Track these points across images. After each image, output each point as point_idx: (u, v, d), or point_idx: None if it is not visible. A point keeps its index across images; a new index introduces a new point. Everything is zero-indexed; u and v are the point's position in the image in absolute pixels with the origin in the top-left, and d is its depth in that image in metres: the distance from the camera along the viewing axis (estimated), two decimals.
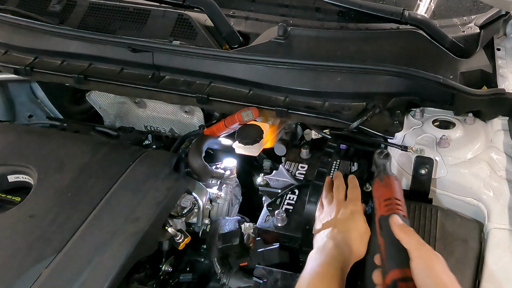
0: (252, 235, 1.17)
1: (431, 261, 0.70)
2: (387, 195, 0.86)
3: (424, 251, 0.72)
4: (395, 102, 1.18)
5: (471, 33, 1.29)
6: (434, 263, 0.70)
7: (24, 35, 1.42)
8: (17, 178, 1.19)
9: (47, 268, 0.93)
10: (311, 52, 1.24)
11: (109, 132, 1.45)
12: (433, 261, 0.71)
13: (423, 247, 0.73)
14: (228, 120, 1.26)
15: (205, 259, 1.22)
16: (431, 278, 0.68)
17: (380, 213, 0.84)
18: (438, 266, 0.70)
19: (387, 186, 0.88)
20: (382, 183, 0.89)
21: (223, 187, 1.28)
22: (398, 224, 0.78)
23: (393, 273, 0.71)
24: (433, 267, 0.70)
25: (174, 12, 1.38)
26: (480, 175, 1.06)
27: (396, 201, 0.84)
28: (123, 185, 1.12)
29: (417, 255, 0.71)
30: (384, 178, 0.89)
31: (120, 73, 1.35)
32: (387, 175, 0.90)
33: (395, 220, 0.79)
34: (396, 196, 0.85)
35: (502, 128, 1.16)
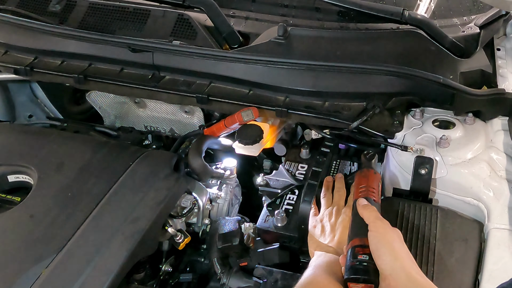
0: (252, 235, 1.17)
1: (385, 232, 0.82)
2: (363, 183, 0.96)
3: (380, 224, 0.83)
4: (395, 102, 1.18)
5: (471, 33, 1.29)
6: (387, 234, 0.81)
7: (24, 35, 1.42)
8: (17, 178, 1.19)
9: (47, 268, 0.93)
10: (311, 52, 1.24)
11: (109, 132, 1.45)
12: (386, 232, 0.82)
13: (379, 221, 0.84)
14: (228, 120, 1.26)
15: (205, 259, 1.22)
16: (382, 245, 0.79)
17: (354, 197, 0.95)
18: (390, 236, 0.81)
19: (365, 176, 0.98)
20: (362, 174, 0.99)
21: (223, 187, 1.28)
22: (362, 204, 0.90)
23: (353, 241, 0.83)
24: (386, 237, 0.80)
25: (174, 12, 1.38)
26: (480, 175, 1.06)
27: (370, 188, 0.94)
28: (123, 185, 1.12)
29: (373, 227, 0.83)
30: (364, 170, 1.00)
31: (120, 73, 1.35)
32: (367, 169, 1.00)
33: (359, 202, 0.91)
34: (371, 185, 0.95)
35: (502, 128, 1.16)
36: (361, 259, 0.79)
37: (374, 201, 0.92)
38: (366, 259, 0.79)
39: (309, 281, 0.88)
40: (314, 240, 1.05)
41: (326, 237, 1.03)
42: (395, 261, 0.77)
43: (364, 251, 0.80)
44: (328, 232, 1.04)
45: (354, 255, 0.81)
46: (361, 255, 0.80)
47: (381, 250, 0.78)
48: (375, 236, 0.81)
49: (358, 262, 0.79)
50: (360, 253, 0.80)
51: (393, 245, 0.79)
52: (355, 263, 0.79)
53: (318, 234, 1.05)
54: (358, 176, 1.00)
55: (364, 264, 0.78)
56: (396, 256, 0.78)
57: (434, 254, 0.95)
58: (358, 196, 0.93)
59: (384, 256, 0.77)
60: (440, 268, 0.93)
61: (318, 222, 1.08)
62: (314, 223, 1.09)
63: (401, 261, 0.77)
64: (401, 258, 0.78)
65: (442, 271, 0.92)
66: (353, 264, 0.79)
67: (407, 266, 0.77)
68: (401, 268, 0.76)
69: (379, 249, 0.78)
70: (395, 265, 0.76)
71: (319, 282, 0.88)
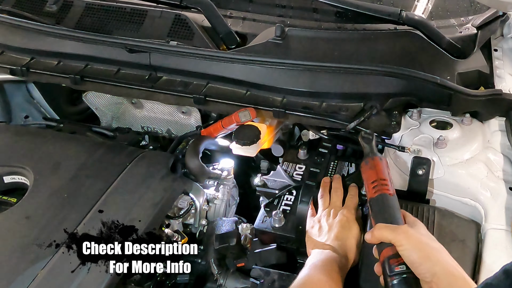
0: (249, 235, 1.16)
1: (412, 242, 0.78)
2: (373, 177, 0.91)
3: (399, 236, 0.79)
4: (392, 103, 1.18)
5: (468, 33, 1.30)
6: (415, 241, 0.78)
7: (20, 35, 1.41)
8: (13, 179, 1.19)
9: (43, 269, 0.93)
10: (308, 53, 1.23)
11: (105, 132, 1.44)
12: (413, 240, 0.78)
13: (397, 235, 0.79)
14: (225, 121, 1.26)
15: (202, 260, 1.21)
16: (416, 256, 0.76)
17: (369, 196, 0.90)
18: (418, 242, 0.78)
19: (372, 168, 0.93)
20: (368, 165, 0.94)
21: (220, 188, 1.28)
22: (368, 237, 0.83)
23: (385, 252, 0.80)
24: (415, 246, 0.77)
25: (171, 13, 1.38)
26: (477, 175, 1.06)
27: (382, 181, 0.90)
28: (119, 186, 1.11)
29: (396, 241, 0.79)
30: (368, 160, 0.95)
31: (117, 73, 1.34)
32: (371, 157, 0.95)
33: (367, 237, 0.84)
34: (382, 177, 0.91)
35: (499, 128, 1.16)
36: (399, 271, 0.77)
37: (390, 197, 0.88)
38: (404, 269, 0.76)
39: (304, 281, 0.88)
40: (312, 240, 1.05)
41: (323, 236, 1.03)
42: (434, 266, 0.75)
43: (399, 261, 0.77)
44: (325, 231, 1.04)
45: (391, 269, 0.78)
46: (397, 267, 0.77)
47: (416, 260, 0.76)
48: (404, 250, 0.77)
49: (398, 276, 0.76)
50: (396, 264, 0.77)
51: (424, 250, 0.77)
52: (395, 277, 0.77)
53: (316, 234, 1.05)
54: (365, 169, 0.95)
55: (404, 276, 0.76)
56: (433, 260, 0.76)
57: None
58: (373, 195, 0.88)
59: (421, 265, 0.75)
60: None
61: (315, 223, 1.08)
62: (311, 223, 1.09)
63: (440, 264, 0.75)
64: (438, 261, 0.76)
65: None
66: (393, 279, 0.77)
67: (446, 266, 0.75)
68: (441, 271, 0.74)
69: (415, 261, 0.76)
70: (435, 270, 0.74)
71: (313, 282, 0.88)
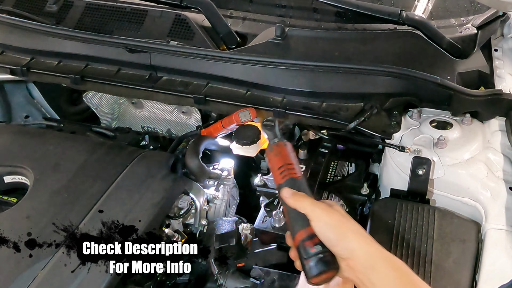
0: (249, 235, 1.16)
1: (328, 217, 0.75)
2: (279, 163, 0.87)
3: (318, 210, 0.76)
4: (392, 103, 1.18)
5: (468, 33, 1.30)
6: (331, 218, 0.75)
7: (20, 35, 1.41)
8: (13, 179, 1.19)
9: (43, 269, 0.93)
10: (308, 53, 1.24)
11: (106, 132, 1.44)
12: (329, 216, 0.76)
13: (316, 207, 0.77)
14: (225, 121, 1.26)
15: (202, 260, 1.22)
16: (332, 232, 0.74)
17: (277, 182, 0.86)
18: (335, 219, 0.75)
19: (277, 154, 0.89)
20: (273, 152, 0.90)
21: (221, 187, 1.28)
22: (288, 195, 0.80)
23: (299, 235, 0.77)
24: (331, 222, 0.75)
25: (172, 13, 1.38)
26: (478, 175, 1.06)
27: (288, 166, 0.86)
28: (120, 186, 1.11)
29: (313, 216, 0.76)
30: (273, 147, 0.90)
31: (117, 73, 1.34)
32: (276, 143, 0.90)
33: (283, 193, 0.81)
34: (288, 161, 0.87)
35: (499, 128, 1.16)
36: (315, 252, 0.74)
37: (298, 180, 0.84)
38: (320, 249, 0.74)
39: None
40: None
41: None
42: (350, 243, 0.73)
43: (313, 241, 0.75)
44: None
45: (306, 251, 0.75)
46: (313, 248, 0.75)
47: (332, 237, 0.74)
48: (320, 226, 0.75)
49: (314, 256, 0.74)
50: (311, 246, 0.75)
51: (342, 228, 0.75)
52: (311, 259, 0.74)
53: None
54: (270, 156, 0.90)
55: (320, 256, 0.74)
56: (349, 237, 0.74)
57: (432, 254, 0.95)
58: (281, 181, 0.85)
59: (338, 242, 0.74)
60: (438, 268, 0.92)
61: None
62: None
63: (356, 241, 0.73)
64: (355, 238, 0.74)
65: (439, 271, 0.92)
66: (309, 261, 0.75)
67: (362, 243, 0.74)
68: (358, 248, 0.73)
69: (331, 238, 0.74)
70: (351, 247, 0.73)
71: None
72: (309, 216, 0.76)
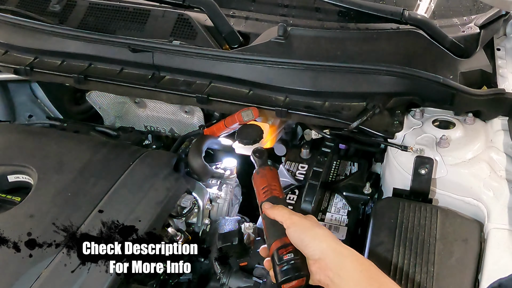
0: (252, 235, 1.16)
1: (302, 223, 0.83)
2: (263, 183, 0.95)
3: (295, 218, 0.84)
4: (395, 102, 1.18)
5: (471, 33, 1.29)
6: (305, 223, 0.83)
7: (24, 35, 1.42)
8: (17, 178, 1.19)
9: (46, 268, 0.93)
10: (311, 52, 1.23)
11: (109, 132, 1.45)
12: (304, 222, 0.83)
13: (293, 215, 0.84)
14: (228, 120, 1.26)
15: (205, 259, 1.22)
16: (306, 235, 0.80)
17: (260, 200, 0.94)
18: (308, 224, 0.82)
19: (263, 176, 0.96)
20: (259, 175, 0.97)
21: (223, 187, 1.28)
22: (268, 207, 0.89)
23: (274, 244, 0.83)
24: (305, 226, 0.82)
25: (174, 12, 1.38)
26: (480, 175, 1.06)
27: (272, 186, 0.94)
28: (123, 185, 1.11)
29: (290, 223, 0.83)
30: (259, 171, 0.97)
31: (120, 73, 1.35)
32: (262, 167, 0.98)
33: (265, 206, 0.90)
34: (272, 182, 0.95)
35: (502, 128, 1.16)
36: (287, 258, 0.80)
37: (279, 198, 0.92)
38: (292, 256, 0.80)
39: None
40: None
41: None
42: (321, 243, 0.79)
43: (287, 250, 0.81)
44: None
45: (279, 258, 0.81)
46: (286, 255, 0.81)
47: (305, 239, 0.80)
48: (295, 230, 0.82)
49: (286, 263, 0.80)
50: (284, 253, 0.81)
51: (314, 230, 0.81)
52: (283, 265, 0.80)
53: None
54: (256, 178, 0.98)
55: (292, 263, 0.79)
56: (320, 239, 0.80)
57: (434, 254, 0.95)
58: (263, 199, 0.92)
59: (311, 243, 0.79)
60: (440, 268, 0.92)
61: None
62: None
63: (326, 242, 0.79)
64: (325, 239, 0.80)
65: (442, 271, 0.92)
66: (281, 267, 0.80)
67: (332, 244, 0.79)
68: (328, 247, 0.78)
69: (304, 240, 0.80)
70: (322, 247, 0.78)
71: None
72: (285, 223, 0.83)
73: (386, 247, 0.96)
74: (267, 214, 0.88)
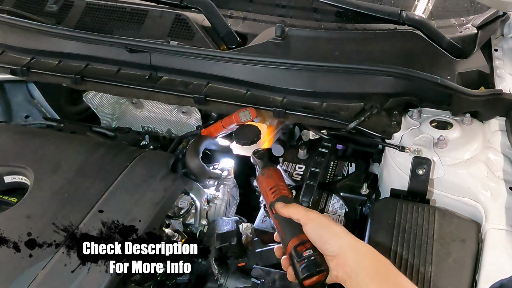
0: (249, 235, 1.16)
1: (320, 219, 0.82)
2: (270, 184, 0.94)
3: (311, 214, 0.83)
4: (392, 103, 1.18)
5: (468, 33, 1.30)
6: (322, 219, 0.82)
7: (20, 35, 1.41)
8: (13, 179, 1.19)
9: (43, 269, 0.93)
10: (308, 53, 1.24)
11: (106, 132, 1.44)
12: (321, 218, 0.83)
13: (310, 212, 0.84)
14: (225, 121, 1.26)
15: (202, 260, 1.21)
16: (324, 231, 0.80)
17: (269, 201, 0.93)
18: (325, 221, 0.82)
19: (269, 177, 0.96)
20: (265, 176, 0.96)
21: (221, 187, 1.28)
22: (281, 206, 0.88)
23: (292, 242, 0.83)
24: (322, 223, 0.82)
25: (172, 13, 1.38)
26: (478, 175, 1.06)
27: (279, 186, 0.93)
28: (120, 185, 1.11)
29: (307, 219, 0.83)
30: (265, 172, 0.97)
31: (117, 73, 1.34)
32: (267, 168, 0.97)
33: (278, 205, 0.88)
34: (279, 182, 0.94)
35: (499, 128, 1.16)
36: (307, 255, 0.80)
37: (289, 198, 0.92)
38: (311, 253, 0.80)
39: None
40: None
41: None
42: (339, 240, 0.79)
43: (305, 247, 0.81)
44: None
45: (299, 254, 0.81)
46: (305, 252, 0.81)
47: (324, 235, 0.80)
48: (313, 227, 0.81)
49: (306, 259, 0.80)
50: (303, 250, 0.81)
51: (332, 227, 0.81)
52: (304, 261, 0.80)
53: None
54: (262, 179, 0.97)
55: (312, 259, 0.80)
56: (339, 235, 0.80)
57: (432, 254, 0.95)
58: (273, 199, 0.92)
59: (329, 240, 0.79)
60: (438, 268, 0.92)
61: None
62: None
63: (345, 238, 0.80)
64: (344, 236, 0.80)
65: (439, 271, 0.92)
66: (302, 264, 0.80)
67: (351, 240, 0.80)
68: (346, 244, 0.79)
69: (323, 236, 0.80)
70: (340, 243, 0.79)
71: None
72: (302, 220, 0.83)
73: (383, 248, 0.96)
74: (282, 213, 0.87)
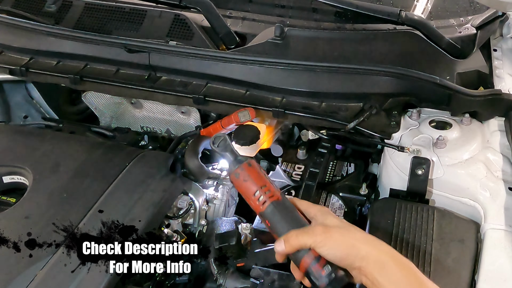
0: (249, 235, 1.16)
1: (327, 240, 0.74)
2: (252, 189, 0.78)
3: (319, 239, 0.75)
4: (392, 103, 1.18)
5: (467, 34, 1.30)
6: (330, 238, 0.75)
7: (19, 35, 1.41)
8: (12, 179, 1.18)
9: (42, 269, 0.93)
10: (308, 53, 1.24)
11: (105, 132, 1.44)
12: (328, 238, 0.75)
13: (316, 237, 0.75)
14: (224, 121, 1.26)
15: (202, 260, 1.21)
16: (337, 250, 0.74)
17: (258, 211, 0.79)
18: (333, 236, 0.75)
19: (246, 179, 0.79)
20: (240, 179, 0.79)
21: (220, 188, 1.28)
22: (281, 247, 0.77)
23: (304, 262, 0.75)
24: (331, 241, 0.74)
25: (171, 13, 1.38)
26: (477, 175, 1.06)
27: (263, 189, 0.78)
28: (119, 186, 1.11)
29: (316, 245, 0.74)
30: (238, 172, 0.79)
31: (116, 73, 1.34)
32: (239, 167, 0.79)
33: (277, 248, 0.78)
34: (261, 184, 0.79)
35: (498, 128, 1.16)
36: (326, 273, 0.74)
37: (279, 201, 0.79)
38: (330, 269, 0.74)
39: None
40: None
41: None
42: (360, 251, 0.73)
43: (321, 264, 0.74)
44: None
45: (317, 276, 0.74)
46: (323, 271, 0.74)
47: (342, 253, 0.74)
48: (327, 250, 0.74)
49: (327, 278, 0.74)
50: (320, 269, 0.74)
51: (347, 242, 0.75)
52: (325, 281, 0.74)
53: None
54: (239, 184, 0.80)
55: (333, 276, 0.74)
56: (357, 247, 0.74)
57: (431, 254, 0.95)
58: (262, 209, 0.78)
59: (348, 256, 0.74)
60: (437, 268, 0.92)
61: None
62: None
63: (363, 248, 0.74)
64: (362, 245, 0.74)
65: (438, 271, 0.92)
66: (323, 285, 0.74)
67: (370, 247, 0.74)
68: (366, 254, 0.73)
69: (340, 256, 0.74)
70: (362, 254, 0.73)
71: None
72: (312, 247, 0.75)
73: None
74: (291, 246, 0.76)
